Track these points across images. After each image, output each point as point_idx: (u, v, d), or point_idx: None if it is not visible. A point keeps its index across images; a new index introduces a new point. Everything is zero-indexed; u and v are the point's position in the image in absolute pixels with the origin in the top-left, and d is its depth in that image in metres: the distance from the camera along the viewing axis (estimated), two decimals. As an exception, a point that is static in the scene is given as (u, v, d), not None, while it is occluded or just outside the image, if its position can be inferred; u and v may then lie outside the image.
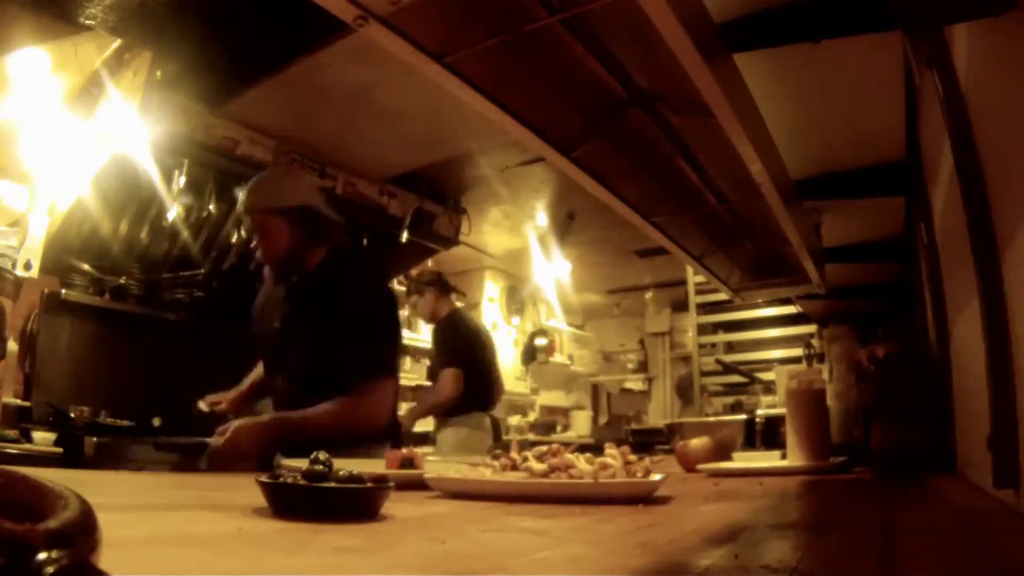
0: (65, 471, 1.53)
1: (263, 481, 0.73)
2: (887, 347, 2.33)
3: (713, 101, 1.21)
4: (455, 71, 1.17)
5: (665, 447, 3.01)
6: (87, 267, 2.97)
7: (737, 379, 4.33)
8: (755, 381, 3.93)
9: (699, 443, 1.83)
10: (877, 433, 1.82)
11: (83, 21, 2.13)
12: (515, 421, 5.77)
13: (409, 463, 1.17)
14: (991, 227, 1.03)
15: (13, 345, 2.67)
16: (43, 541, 0.26)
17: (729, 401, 4.41)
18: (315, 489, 0.71)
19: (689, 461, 1.79)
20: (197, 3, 2.15)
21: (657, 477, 0.97)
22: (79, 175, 2.63)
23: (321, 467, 0.73)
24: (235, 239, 3.09)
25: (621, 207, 1.79)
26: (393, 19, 1.04)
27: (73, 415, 2.60)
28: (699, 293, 4.67)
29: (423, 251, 3.81)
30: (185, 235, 3.03)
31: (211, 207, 2.91)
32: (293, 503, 0.71)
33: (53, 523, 0.30)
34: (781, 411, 1.94)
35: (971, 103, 1.12)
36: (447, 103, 2.02)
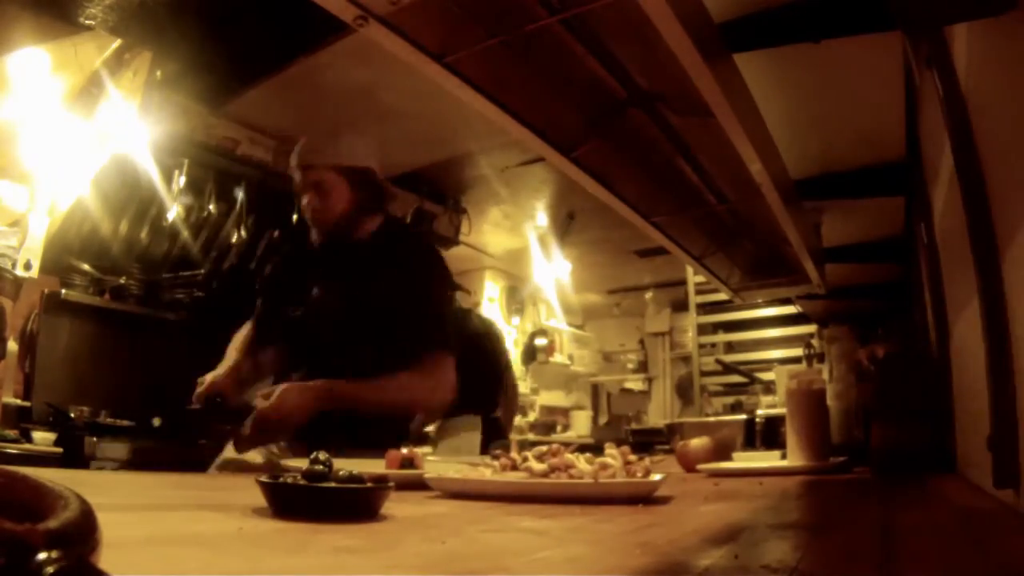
0: (65, 471, 1.53)
1: (263, 481, 0.73)
2: (887, 347, 2.33)
3: (713, 101, 1.21)
4: (455, 71, 1.17)
5: (665, 447, 3.01)
6: (87, 267, 2.97)
7: (737, 379, 4.33)
8: (755, 381, 3.92)
9: (699, 443, 1.83)
10: (877, 433, 1.82)
11: (83, 21, 2.13)
12: (515, 421, 5.77)
13: (409, 463, 1.17)
14: (991, 227, 1.03)
15: (13, 345, 2.67)
16: (43, 541, 0.26)
17: (729, 401, 4.41)
18: (315, 489, 0.71)
19: (689, 461, 1.79)
20: (197, 3, 2.16)
21: (657, 477, 0.97)
22: (79, 175, 2.63)
23: (321, 467, 0.73)
24: (235, 239, 3.10)
25: (621, 207, 1.79)
26: (393, 19, 1.04)
27: (73, 415, 2.60)
28: (699, 293, 4.67)
29: (423, 251, 3.82)
30: (185, 235, 3.04)
31: (211, 207, 2.92)
32: (293, 503, 0.71)
33: (53, 523, 0.30)
34: (781, 411, 1.94)
35: (971, 103, 1.12)
36: (447, 103, 2.03)
